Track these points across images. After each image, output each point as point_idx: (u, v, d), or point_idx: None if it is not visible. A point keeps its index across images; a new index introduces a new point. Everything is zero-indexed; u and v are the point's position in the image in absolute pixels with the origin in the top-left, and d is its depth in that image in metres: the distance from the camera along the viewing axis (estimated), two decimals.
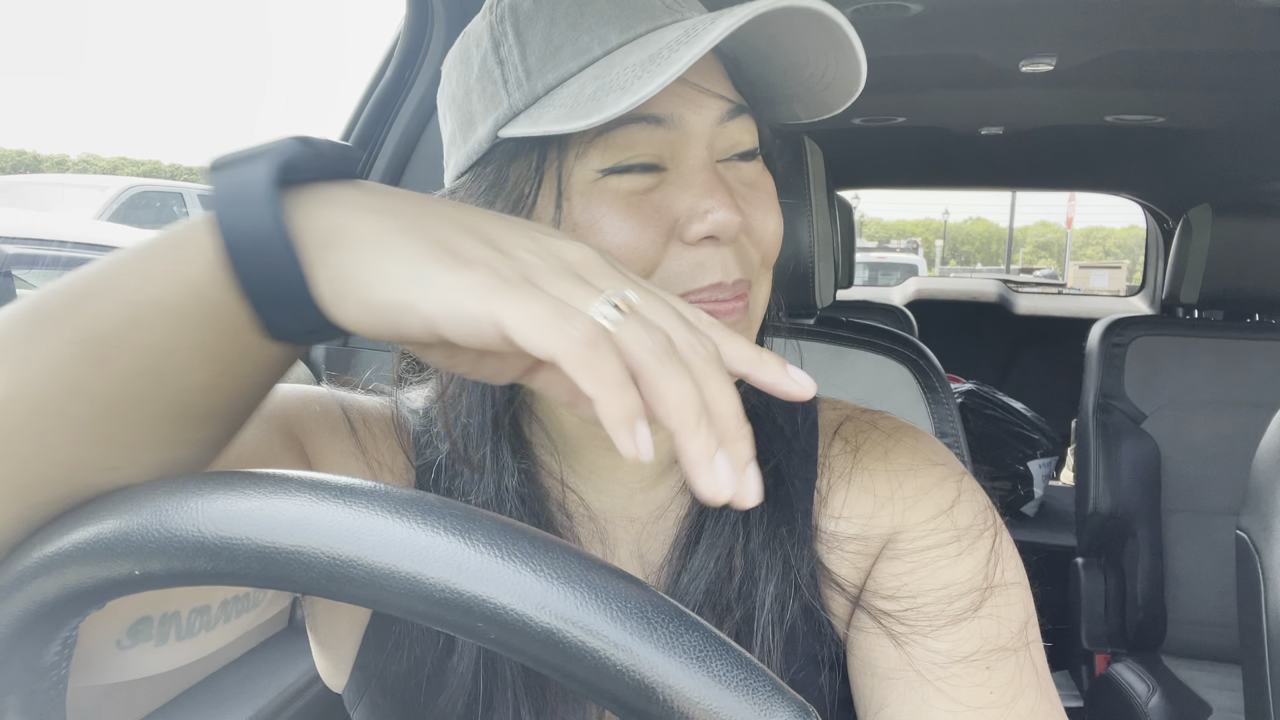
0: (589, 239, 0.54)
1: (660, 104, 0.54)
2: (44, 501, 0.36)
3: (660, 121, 0.54)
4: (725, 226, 0.53)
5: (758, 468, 0.34)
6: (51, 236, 2.24)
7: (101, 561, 0.34)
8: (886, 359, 1.18)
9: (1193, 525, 2.20)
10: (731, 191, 0.55)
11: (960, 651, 0.56)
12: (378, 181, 1.33)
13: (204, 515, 0.34)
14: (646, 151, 0.55)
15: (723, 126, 0.57)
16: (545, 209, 0.55)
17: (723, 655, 0.31)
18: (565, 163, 0.55)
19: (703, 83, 0.55)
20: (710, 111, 0.56)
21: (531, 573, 0.31)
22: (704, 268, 0.54)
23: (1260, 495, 1.19)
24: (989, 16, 1.65)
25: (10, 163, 45.08)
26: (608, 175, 0.54)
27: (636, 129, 0.54)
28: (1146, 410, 2.25)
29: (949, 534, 0.60)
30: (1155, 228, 3.56)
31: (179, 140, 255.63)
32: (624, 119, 0.53)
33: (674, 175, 0.55)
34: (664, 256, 0.54)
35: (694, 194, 0.54)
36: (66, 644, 0.39)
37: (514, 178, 0.56)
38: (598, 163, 0.54)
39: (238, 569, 0.33)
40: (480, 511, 0.33)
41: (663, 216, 0.54)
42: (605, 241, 0.54)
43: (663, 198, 0.55)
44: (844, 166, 3.26)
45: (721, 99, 0.56)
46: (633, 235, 0.54)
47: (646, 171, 0.55)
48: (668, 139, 0.55)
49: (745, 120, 0.58)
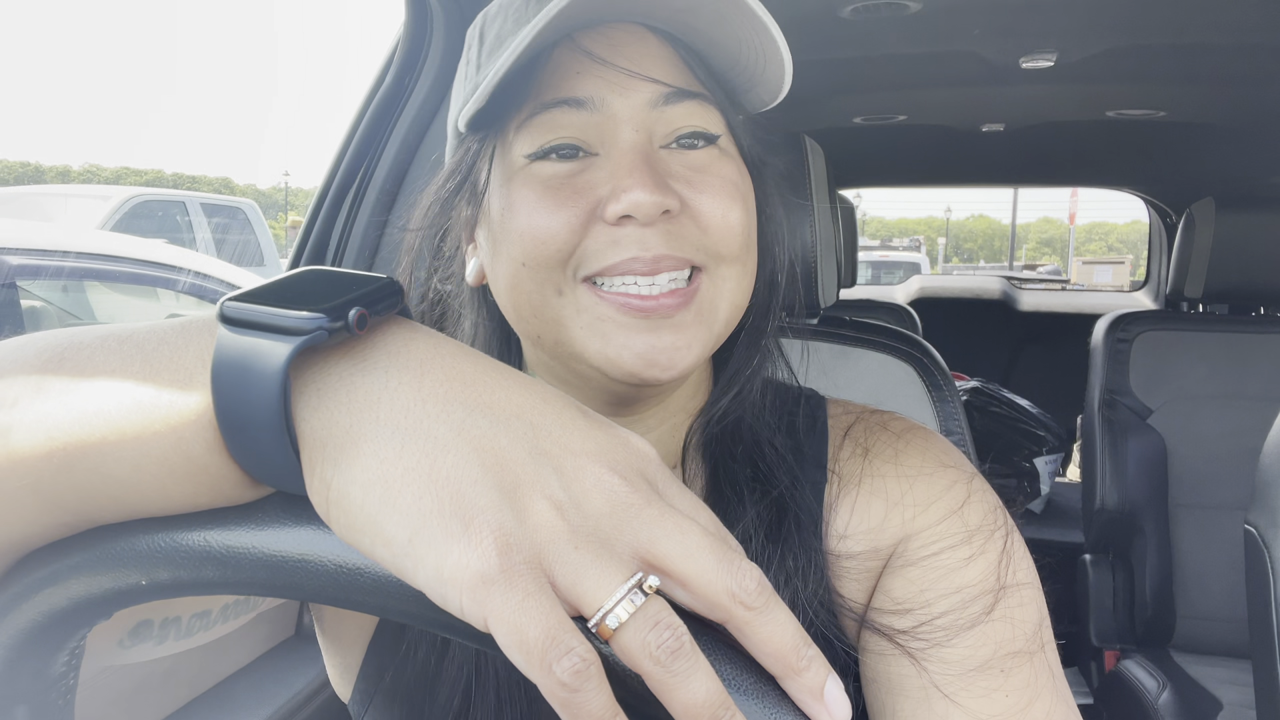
0: (512, 222, 0.57)
1: (582, 87, 0.56)
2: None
3: (581, 104, 0.56)
4: (640, 206, 0.54)
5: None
6: (54, 247, 2.25)
7: (109, 572, 0.34)
8: (891, 358, 1.18)
9: (1200, 520, 2.19)
10: (665, 174, 0.56)
11: (975, 659, 0.55)
12: (378, 184, 1.34)
13: (210, 525, 0.34)
14: (567, 135, 0.57)
15: (659, 110, 0.58)
16: (492, 195, 0.59)
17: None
18: (499, 149, 0.59)
19: (633, 67, 0.57)
20: (638, 95, 0.57)
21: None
22: (619, 245, 0.55)
23: (1268, 489, 1.19)
24: (988, 13, 1.65)
25: (14, 174, 45.25)
26: (534, 161, 0.57)
27: (559, 113, 0.56)
28: (1152, 405, 2.24)
29: (960, 535, 0.59)
30: (1158, 222, 3.56)
31: (182, 149, 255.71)
32: (546, 104, 0.56)
33: (601, 159, 0.57)
34: (584, 236, 0.56)
35: (613, 174, 0.56)
36: (74, 654, 0.39)
37: (466, 166, 0.61)
38: (524, 148, 0.57)
39: (244, 578, 0.33)
40: None
41: (584, 198, 0.56)
42: (521, 224, 0.56)
43: (586, 180, 0.57)
44: (845, 165, 3.25)
45: (654, 82, 0.57)
46: (546, 217, 0.56)
47: (570, 157, 0.57)
48: (592, 122, 0.57)
49: (693, 105, 0.58)
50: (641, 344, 0.55)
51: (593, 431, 0.35)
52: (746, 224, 0.59)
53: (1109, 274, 17.96)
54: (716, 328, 0.59)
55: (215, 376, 0.32)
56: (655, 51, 0.58)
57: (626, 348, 0.56)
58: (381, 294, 0.35)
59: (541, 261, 0.56)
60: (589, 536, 0.31)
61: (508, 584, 0.29)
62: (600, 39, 0.57)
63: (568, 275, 0.57)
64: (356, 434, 0.33)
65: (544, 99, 0.57)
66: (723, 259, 0.58)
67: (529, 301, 0.58)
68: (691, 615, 0.32)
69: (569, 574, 0.31)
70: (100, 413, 0.34)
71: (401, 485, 0.31)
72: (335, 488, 0.32)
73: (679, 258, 0.56)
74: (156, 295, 2.75)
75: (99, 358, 0.35)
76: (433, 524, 0.31)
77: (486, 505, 0.31)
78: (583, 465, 0.33)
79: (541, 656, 0.29)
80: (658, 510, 0.33)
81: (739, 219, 0.58)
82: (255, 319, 0.32)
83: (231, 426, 0.33)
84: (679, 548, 0.32)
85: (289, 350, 0.32)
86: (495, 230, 0.59)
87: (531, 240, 0.56)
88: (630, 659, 0.30)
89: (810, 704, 0.32)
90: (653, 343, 0.55)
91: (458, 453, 0.32)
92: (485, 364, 0.36)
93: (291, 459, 0.33)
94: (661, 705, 0.30)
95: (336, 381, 0.34)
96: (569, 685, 0.28)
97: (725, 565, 0.32)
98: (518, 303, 0.59)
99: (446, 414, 0.33)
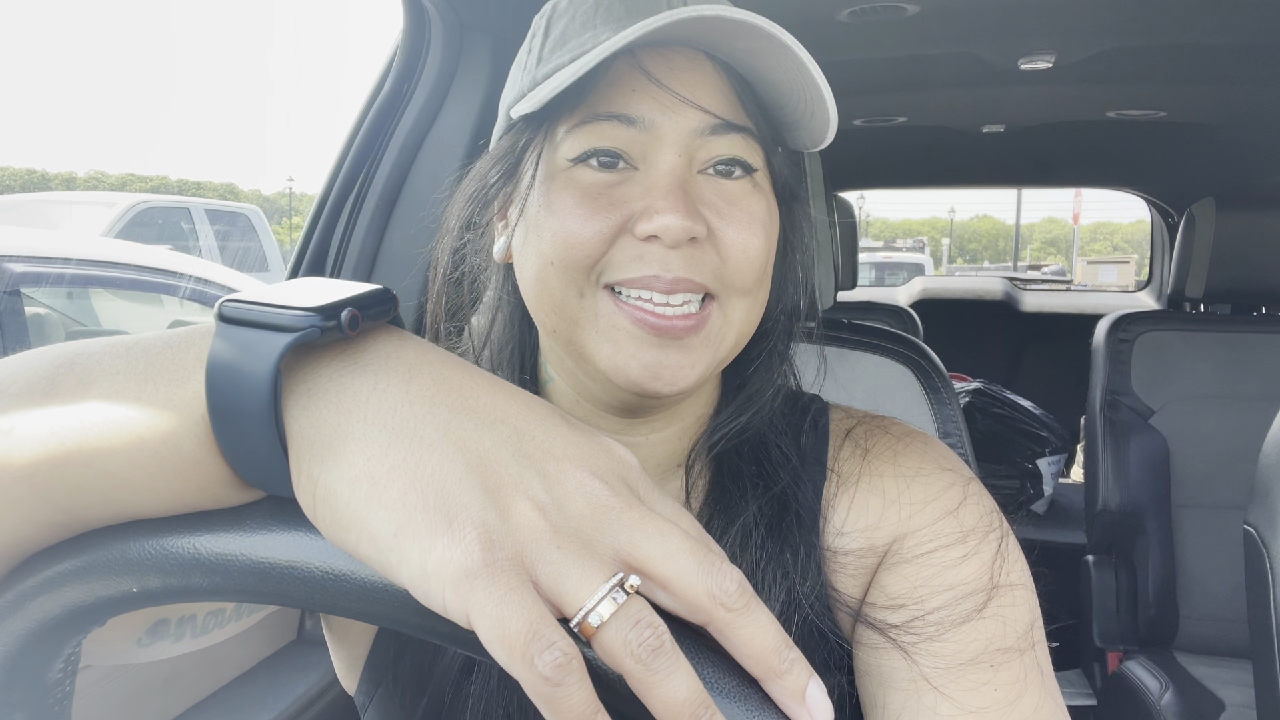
0: (547, 221, 0.59)
1: (635, 105, 0.58)
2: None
3: (632, 122, 0.58)
4: (669, 229, 0.55)
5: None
6: (59, 254, 2.26)
7: (101, 580, 0.35)
8: (888, 360, 1.18)
9: (1203, 520, 2.18)
10: (698, 201, 0.58)
11: (965, 653, 0.56)
12: (377, 191, 1.35)
13: (199, 531, 0.34)
14: (612, 144, 0.58)
15: (704, 139, 0.59)
16: (534, 189, 0.61)
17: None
18: (547, 148, 0.60)
19: (687, 93, 0.58)
20: (687, 120, 0.58)
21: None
22: (643, 260, 0.57)
23: (1267, 490, 1.19)
24: (986, 15, 1.66)
25: (20, 181, 45.47)
26: (576, 165, 0.59)
27: (609, 125, 0.58)
28: (1154, 406, 2.24)
29: (955, 535, 0.60)
30: (1160, 222, 3.55)
31: (186, 155, 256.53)
32: (599, 115, 0.58)
33: (641, 175, 0.59)
34: (612, 246, 0.58)
35: (650, 193, 0.57)
36: (70, 661, 0.39)
37: (511, 154, 0.62)
38: (569, 151, 0.59)
39: (233, 585, 0.34)
40: None
41: (618, 210, 0.58)
42: (556, 226, 0.58)
43: (624, 193, 0.58)
44: (847, 168, 3.26)
45: (704, 112, 0.58)
46: (580, 223, 0.57)
47: (610, 166, 0.59)
48: (639, 139, 0.58)
49: (739, 139, 0.60)
50: (649, 357, 0.57)
51: (575, 437, 0.35)
52: (765, 258, 0.61)
53: (1114, 274, 17.94)
54: (721, 352, 0.61)
55: (210, 370, 0.33)
56: (710, 80, 0.59)
57: (635, 358, 0.57)
58: (375, 300, 0.36)
59: (569, 264, 0.58)
60: (571, 537, 0.32)
61: (490, 579, 0.30)
62: (659, 60, 0.58)
63: (591, 280, 0.59)
64: (344, 433, 0.33)
65: (597, 110, 0.58)
66: (735, 290, 0.60)
67: (551, 298, 0.60)
68: (674, 619, 0.32)
69: (551, 573, 0.31)
70: (99, 410, 0.35)
71: (387, 482, 0.32)
72: (322, 484, 0.33)
73: (696, 282, 0.58)
74: (160, 301, 2.77)
75: (106, 362, 0.36)
76: (417, 519, 0.31)
77: (470, 502, 0.31)
78: (565, 469, 0.34)
79: (523, 650, 0.29)
80: (639, 514, 0.33)
81: (758, 253, 0.59)
82: (251, 316, 0.34)
83: (223, 421, 0.33)
84: (659, 550, 0.32)
85: (282, 346, 0.32)
86: (530, 223, 0.61)
87: (564, 243, 0.58)
88: (611, 658, 0.30)
89: (792, 706, 0.32)
90: (660, 358, 0.57)
91: (443, 452, 0.33)
92: (472, 372, 0.37)
93: (280, 456, 0.34)
94: (643, 706, 0.30)
95: (327, 382, 0.35)
96: (551, 679, 0.29)
97: (705, 567, 0.32)
98: (540, 296, 0.61)
99: (433, 415, 0.34)
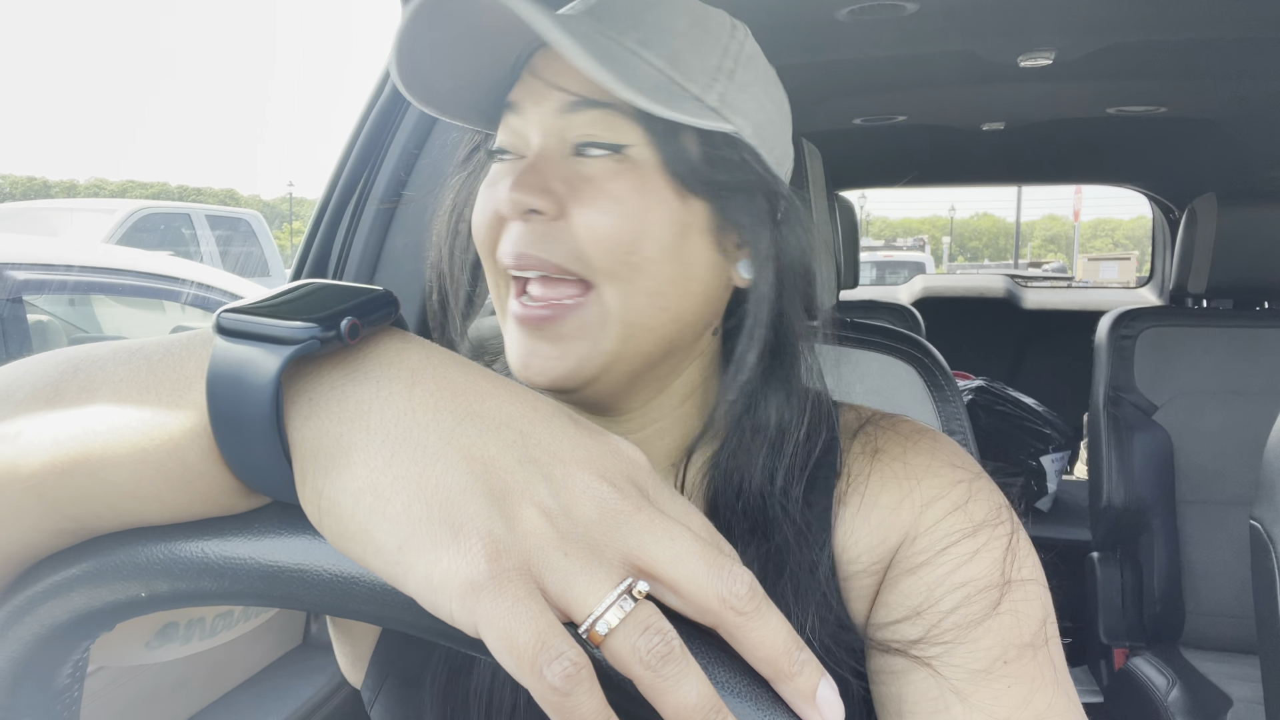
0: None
1: (515, 93, 0.61)
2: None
3: (513, 108, 0.61)
4: (503, 203, 0.58)
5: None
6: (60, 261, 2.27)
7: (109, 586, 0.35)
8: (891, 358, 1.17)
9: (1208, 516, 2.18)
10: (551, 177, 0.58)
11: (984, 656, 0.56)
12: (378, 195, 1.35)
13: (207, 536, 0.34)
14: (505, 139, 0.62)
15: (566, 118, 0.59)
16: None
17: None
18: (486, 146, 0.65)
19: (552, 76, 0.59)
20: (548, 102, 0.59)
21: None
22: (505, 241, 0.60)
23: (1273, 484, 1.19)
24: (986, 13, 1.65)
25: (21, 189, 45.57)
26: (491, 158, 0.63)
27: (508, 115, 0.61)
28: (1158, 401, 2.24)
29: (964, 531, 0.60)
30: (1161, 218, 3.55)
31: (186, 161, 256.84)
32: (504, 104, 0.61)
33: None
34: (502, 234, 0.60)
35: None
36: (78, 666, 0.39)
37: (467, 153, 0.68)
38: (494, 144, 0.63)
39: (242, 589, 0.34)
40: None
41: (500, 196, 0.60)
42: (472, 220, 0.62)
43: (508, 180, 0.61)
44: (847, 167, 3.25)
45: (562, 91, 0.59)
46: (478, 215, 0.61)
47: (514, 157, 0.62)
48: (520, 127, 0.61)
49: (597, 114, 0.59)
50: (524, 348, 0.59)
51: (582, 439, 0.35)
52: (625, 240, 0.57)
53: (1115, 270, 17.92)
54: (605, 344, 0.58)
55: (210, 386, 0.33)
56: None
57: (514, 350, 0.60)
58: (375, 305, 0.36)
59: (483, 256, 0.62)
60: (578, 543, 0.32)
61: (497, 590, 0.29)
62: (547, 51, 0.60)
63: (501, 271, 0.61)
64: (347, 443, 0.33)
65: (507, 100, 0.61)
66: (602, 274, 0.58)
67: (495, 293, 0.63)
68: (684, 620, 0.32)
69: (558, 580, 0.31)
70: (103, 419, 0.34)
71: (391, 493, 0.31)
72: (326, 496, 0.32)
73: (544, 260, 0.57)
74: (162, 308, 2.77)
75: (109, 368, 0.36)
76: (422, 532, 0.31)
77: (475, 513, 0.31)
78: (572, 473, 0.33)
79: (532, 661, 0.29)
80: (647, 516, 0.33)
81: (610, 233, 0.57)
82: (249, 329, 0.33)
83: (226, 435, 0.33)
84: (668, 553, 0.32)
85: (280, 360, 0.32)
86: None
87: (475, 235, 0.61)
88: (621, 664, 0.30)
89: (803, 707, 0.32)
90: (531, 349, 0.59)
91: (447, 461, 0.32)
92: (477, 373, 0.36)
93: (284, 468, 0.33)
94: (654, 708, 0.30)
95: (328, 391, 0.34)
96: (560, 689, 0.29)
97: (715, 570, 0.32)
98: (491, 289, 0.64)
99: (436, 422, 0.33)
